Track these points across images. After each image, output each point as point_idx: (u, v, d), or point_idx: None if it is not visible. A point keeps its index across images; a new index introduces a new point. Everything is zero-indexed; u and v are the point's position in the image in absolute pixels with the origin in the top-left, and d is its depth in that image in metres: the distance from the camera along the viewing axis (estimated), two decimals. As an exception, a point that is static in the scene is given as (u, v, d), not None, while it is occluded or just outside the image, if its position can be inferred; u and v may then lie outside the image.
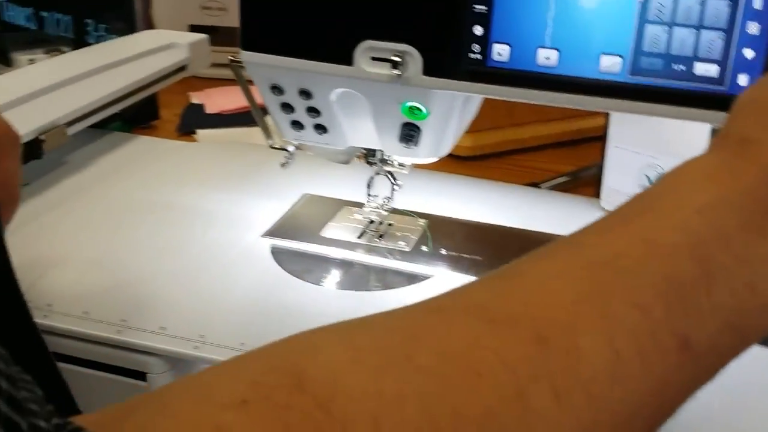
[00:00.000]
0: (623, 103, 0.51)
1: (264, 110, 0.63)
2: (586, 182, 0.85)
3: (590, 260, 0.29)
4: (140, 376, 0.55)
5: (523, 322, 0.27)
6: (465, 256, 0.64)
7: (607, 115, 0.73)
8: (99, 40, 1.01)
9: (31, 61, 0.99)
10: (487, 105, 0.89)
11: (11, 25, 1.10)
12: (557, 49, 0.51)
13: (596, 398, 0.26)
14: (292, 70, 0.55)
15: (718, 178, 0.30)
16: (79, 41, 1.03)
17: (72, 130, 0.75)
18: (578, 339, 0.27)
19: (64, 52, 1.00)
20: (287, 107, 0.59)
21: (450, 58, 0.52)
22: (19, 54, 0.99)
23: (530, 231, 0.68)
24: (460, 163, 0.89)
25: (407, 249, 0.65)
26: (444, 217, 0.69)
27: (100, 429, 0.23)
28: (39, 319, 0.51)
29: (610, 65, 0.51)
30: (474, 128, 0.90)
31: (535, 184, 0.84)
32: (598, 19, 0.50)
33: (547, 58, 0.52)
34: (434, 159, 0.60)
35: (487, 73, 0.52)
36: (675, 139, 0.67)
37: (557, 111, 0.93)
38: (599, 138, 0.75)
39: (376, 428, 0.24)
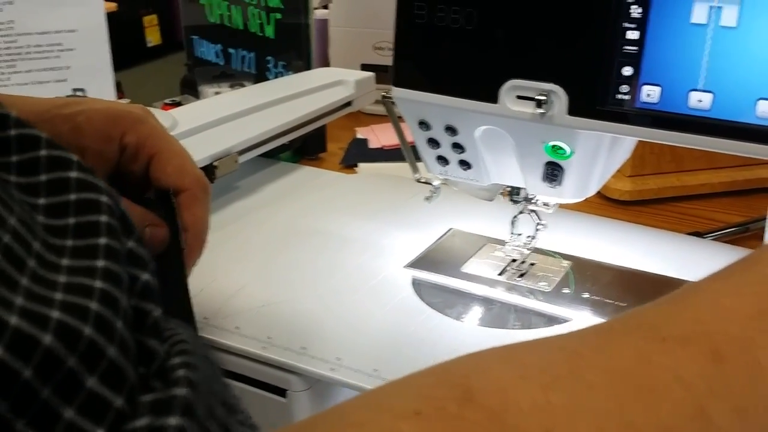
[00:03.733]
0: (781, 150, 0.48)
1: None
2: (756, 234, 0.80)
3: (766, 275, 0.29)
4: (280, 392, 0.58)
5: (697, 339, 0.27)
6: (608, 301, 0.62)
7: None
8: (277, 75, 1.08)
9: (217, 94, 1.07)
10: (650, 150, 0.87)
11: (202, 60, 1.20)
12: (711, 92, 0.50)
13: None
14: (438, 107, 0.57)
15: None
16: (260, 76, 1.11)
17: (243, 158, 0.81)
18: (759, 354, 0.26)
19: (245, 86, 1.07)
20: (433, 142, 0.60)
21: (596, 98, 0.52)
22: (207, 87, 1.08)
23: (685, 281, 0.65)
24: (617, 207, 0.87)
25: (548, 290, 0.64)
26: (589, 260, 0.68)
27: None
28: (195, 331, 0.55)
29: (768, 110, 0.48)
30: (635, 173, 0.88)
31: (698, 234, 0.80)
32: (757, 63, 0.48)
33: (699, 101, 0.50)
34: (579, 200, 0.60)
35: (634, 114, 0.51)
36: None
37: (727, 158, 0.89)
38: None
39: None
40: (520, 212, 0.64)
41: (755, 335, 0.26)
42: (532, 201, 0.63)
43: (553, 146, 0.55)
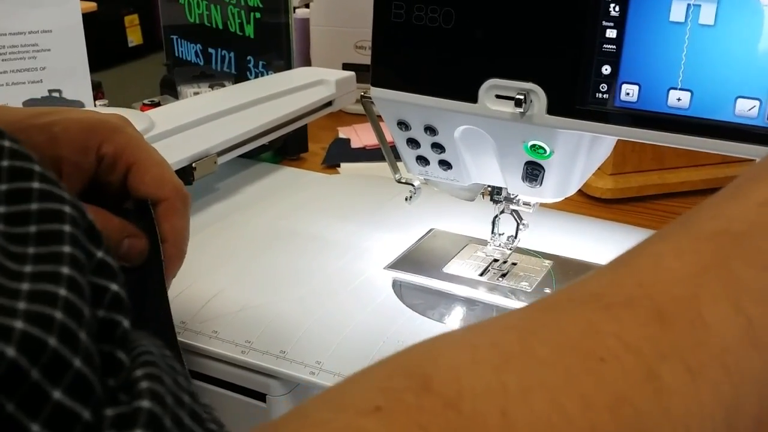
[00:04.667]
0: (760, 148, 0.48)
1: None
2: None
3: (705, 232, 0.29)
4: (260, 397, 0.57)
5: (640, 302, 0.27)
6: (590, 301, 0.62)
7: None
8: (258, 75, 1.08)
9: (196, 94, 1.06)
10: (632, 148, 0.87)
11: (181, 60, 1.19)
12: (690, 91, 0.49)
13: (734, 369, 0.25)
14: (418, 107, 0.56)
15: None
16: (240, 76, 1.10)
17: (222, 159, 0.80)
18: (702, 310, 0.26)
19: (225, 86, 1.07)
20: (413, 143, 0.60)
21: (575, 97, 0.51)
22: (186, 87, 1.07)
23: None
24: (599, 205, 0.87)
25: (529, 290, 0.63)
26: (571, 259, 0.67)
27: None
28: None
29: (747, 109, 0.48)
30: (616, 170, 0.88)
31: (680, 231, 0.80)
32: (735, 61, 0.48)
33: (678, 99, 0.50)
34: (559, 199, 0.59)
35: (614, 113, 0.51)
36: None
37: (708, 156, 0.88)
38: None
39: (505, 421, 0.24)
40: (501, 212, 0.64)
41: (697, 291, 0.27)
42: (513, 201, 0.63)
43: (533, 146, 0.55)
